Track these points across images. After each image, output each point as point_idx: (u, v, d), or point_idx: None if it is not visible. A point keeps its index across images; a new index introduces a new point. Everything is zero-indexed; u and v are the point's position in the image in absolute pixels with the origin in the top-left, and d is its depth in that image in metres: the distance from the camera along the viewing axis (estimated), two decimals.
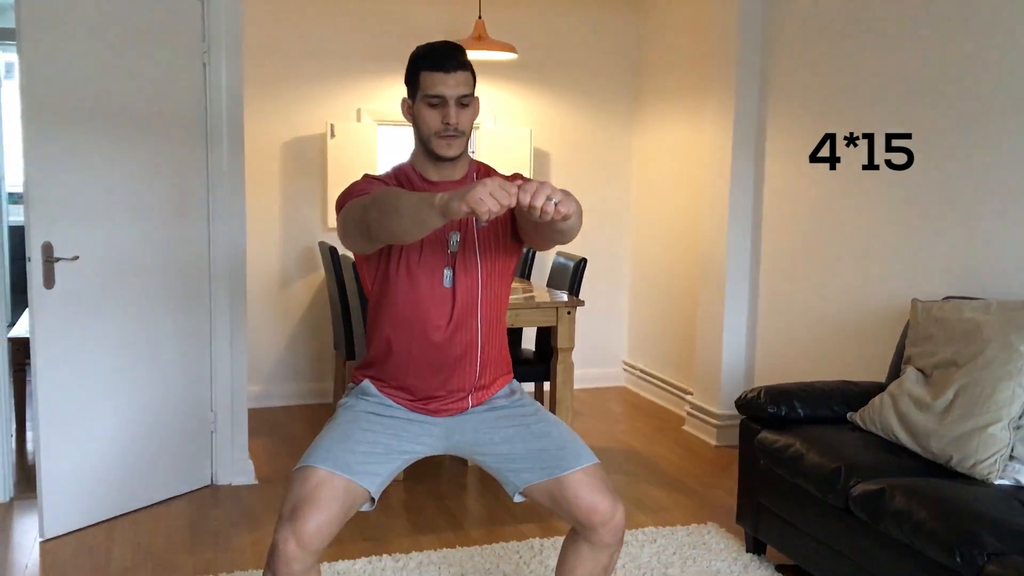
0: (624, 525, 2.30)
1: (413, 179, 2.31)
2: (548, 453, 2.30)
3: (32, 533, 3.49)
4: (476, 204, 1.76)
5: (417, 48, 2.32)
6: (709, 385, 4.88)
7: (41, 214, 3.34)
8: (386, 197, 2.01)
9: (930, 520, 2.44)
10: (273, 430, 4.91)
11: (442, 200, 1.83)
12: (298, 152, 5.36)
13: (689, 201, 5.26)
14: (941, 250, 3.54)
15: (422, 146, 2.29)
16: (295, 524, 2.08)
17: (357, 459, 2.23)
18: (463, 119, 2.24)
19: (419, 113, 2.25)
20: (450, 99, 2.21)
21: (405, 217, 1.92)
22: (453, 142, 2.24)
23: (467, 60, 2.28)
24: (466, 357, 2.31)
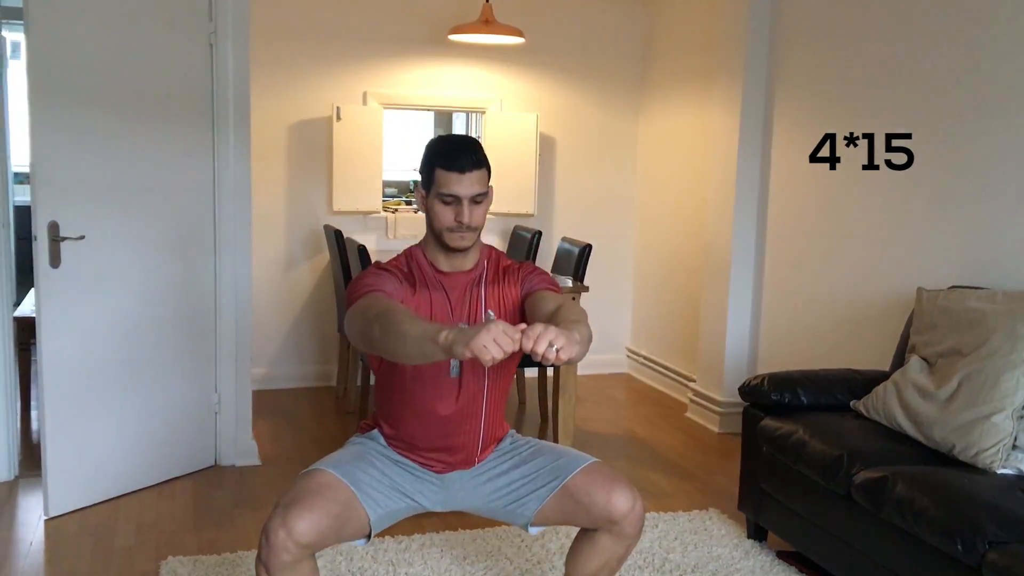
0: (644, 514, 2.30)
1: (424, 268, 2.33)
2: (546, 469, 2.34)
3: (37, 511, 3.51)
4: (480, 352, 1.77)
5: (433, 142, 2.34)
6: (712, 372, 4.88)
7: (47, 193, 3.34)
8: (390, 318, 1.99)
9: (932, 508, 2.44)
10: (277, 412, 4.92)
11: (447, 341, 1.83)
12: (304, 135, 5.36)
13: (695, 188, 5.25)
14: (947, 239, 3.53)
15: (434, 236, 2.30)
16: (288, 515, 2.07)
17: (365, 479, 2.26)
18: (476, 217, 2.26)
19: (432, 207, 2.26)
20: (464, 198, 2.23)
21: (408, 346, 1.92)
22: (466, 236, 2.26)
23: (482, 156, 2.29)
24: (470, 435, 2.36)
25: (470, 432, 2.36)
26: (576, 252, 4.70)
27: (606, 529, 2.29)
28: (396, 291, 2.23)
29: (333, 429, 4.65)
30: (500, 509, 2.39)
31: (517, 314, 2.35)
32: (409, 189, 7.29)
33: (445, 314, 2.30)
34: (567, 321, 2.03)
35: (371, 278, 2.24)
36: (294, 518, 2.07)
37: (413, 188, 5.97)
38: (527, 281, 2.37)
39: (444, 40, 5.29)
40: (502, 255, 2.44)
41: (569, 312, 2.13)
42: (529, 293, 2.34)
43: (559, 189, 5.85)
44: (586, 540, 2.37)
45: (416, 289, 2.29)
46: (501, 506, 2.38)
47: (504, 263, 2.41)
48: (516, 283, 2.37)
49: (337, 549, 3.21)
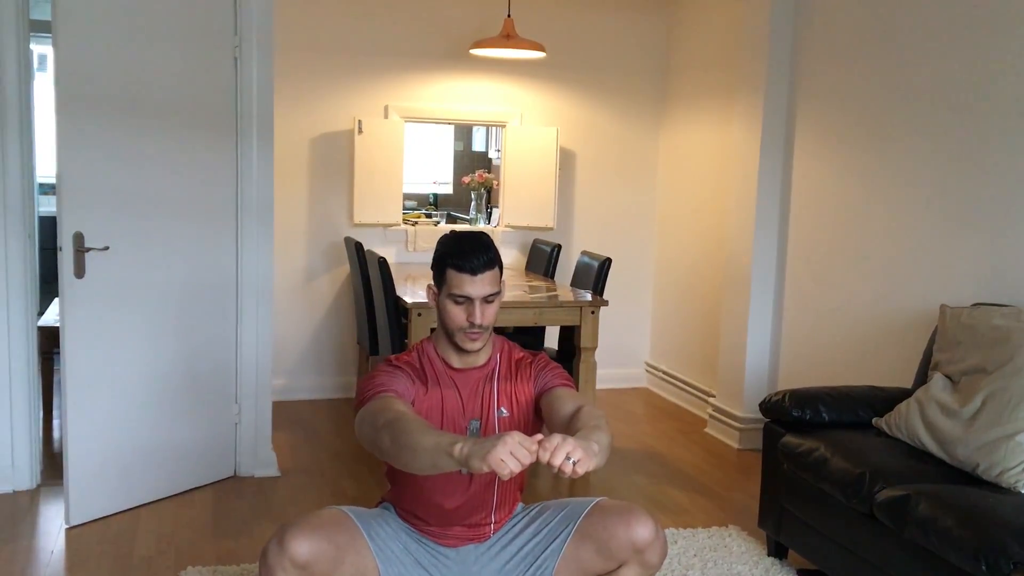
0: (665, 538, 2.26)
1: (436, 364, 2.32)
2: (556, 519, 2.31)
3: (58, 520, 3.53)
4: (497, 466, 1.74)
5: (445, 239, 2.32)
6: (732, 388, 4.86)
7: (73, 204, 3.38)
8: (401, 429, 1.96)
9: (956, 527, 2.41)
10: (296, 423, 4.94)
11: (462, 455, 1.80)
12: (326, 147, 5.39)
13: (715, 202, 5.24)
14: (970, 256, 3.50)
15: (446, 334, 2.29)
16: (286, 534, 2.08)
17: (381, 533, 2.26)
18: (488, 316, 2.24)
19: (444, 306, 2.25)
20: (476, 299, 2.22)
21: (420, 459, 1.90)
22: (478, 337, 2.25)
23: (494, 255, 2.26)
24: (482, 516, 2.35)
25: (482, 515, 2.35)
26: (596, 266, 4.70)
27: (632, 560, 2.23)
28: (407, 390, 2.23)
29: (352, 441, 4.65)
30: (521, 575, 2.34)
31: (531, 411, 2.34)
32: (429, 201, 7.32)
33: (457, 412, 2.29)
34: (586, 427, 1.99)
35: (383, 377, 2.23)
36: (290, 538, 2.07)
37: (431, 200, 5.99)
38: (541, 377, 2.35)
39: (465, 54, 5.32)
40: (515, 347, 2.41)
41: (588, 418, 2.08)
42: (544, 391, 2.32)
43: (579, 203, 5.85)
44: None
45: (428, 387, 2.29)
46: (521, 572, 2.33)
47: (516, 356, 2.39)
48: (530, 379, 2.35)
49: None
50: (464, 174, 6.49)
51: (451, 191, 8.28)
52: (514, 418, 2.31)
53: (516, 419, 2.31)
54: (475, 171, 6.39)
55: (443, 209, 7.67)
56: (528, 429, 2.32)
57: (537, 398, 2.34)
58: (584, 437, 1.88)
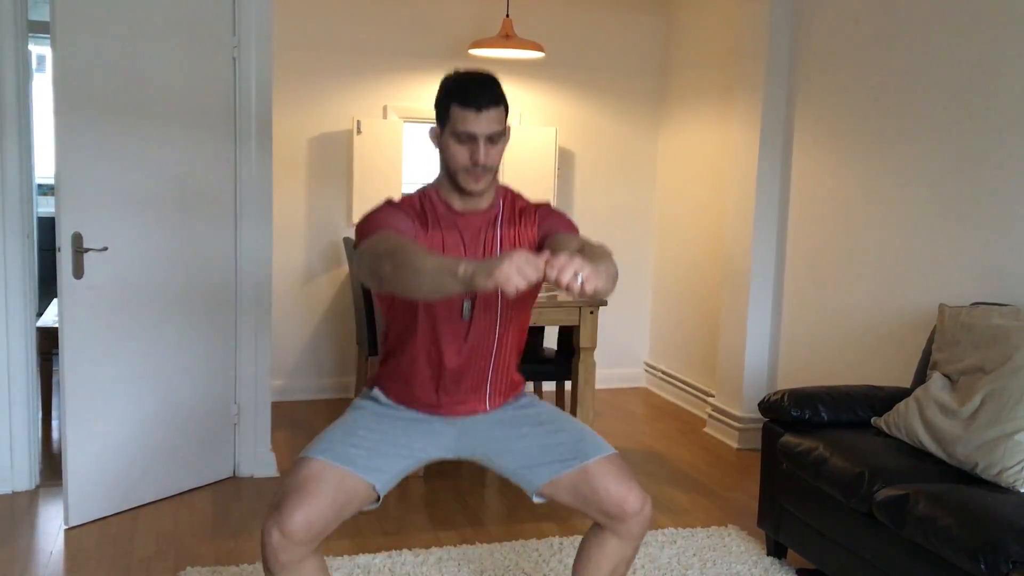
0: (651, 516, 2.27)
1: (438, 207, 2.25)
2: (566, 446, 2.26)
3: (57, 521, 3.53)
4: (504, 282, 1.71)
5: (449, 77, 2.23)
6: (731, 388, 4.86)
7: (71, 205, 3.38)
8: (403, 254, 1.92)
9: (955, 527, 2.41)
10: (295, 424, 4.94)
11: (466, 273, 1.77)
12: (324, 148, 5.39)
13: (714, 202, 5.24)
14: (969, 255, 3.50)
15: (448, 177, 2.23)
16: (279, 514, 2.06)
17: (360, 453, 2.19)
18: (492, 156, 2.18)
19: (447, 146, 2.18)
20: (480, 137, 2.15)
21: (424, 281, 1.86)
22: (481, 178, 2.18)
23: (500, 93, 2.20)
24: (479, 378, 2.30)
25: (479, 375, 2.29)
26: None
27: (612, 529, 2.25)
28: (408, 229, 2.16)
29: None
30: (512, 469, 2.30)
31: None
32: None
33: (458, 254, 2.22)
34: (591, 258, 1.95)
35: (382, 215, 2.17)
36: (286, 516, 2.05)
37: None
38: (545, 222, 2.29)
39: (464, 54, 5.32)
40: (519, 196, 2.35)
41: (592, 250, 2.05)
42: (547, 235, 2.26)
43: (578, 203, 5.85)
44: (594, 544, 2.32)
45: (429, 229, 2.21)
46: (513, 467, 2.29)
47: (521, 204, 2.32)
48: (533, 224, 2.29)
49: (355, 563, 3.21)
50: None
51: None
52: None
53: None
54: None
55: None
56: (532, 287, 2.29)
57: (540, 243, 2.27)
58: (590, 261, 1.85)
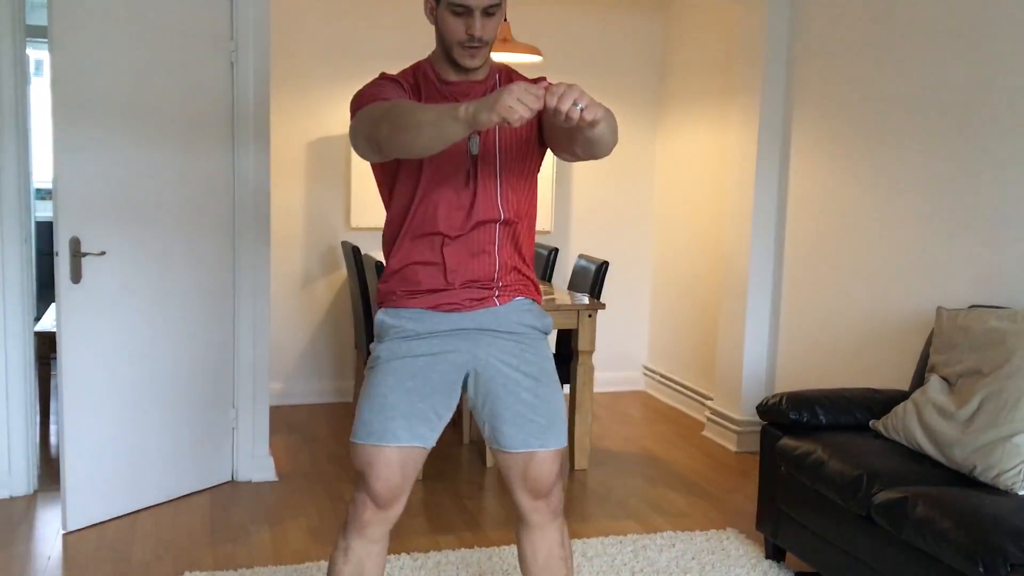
0: (561, 502, 2.29)
1: (431, 79, 2.21)
2: (535, 424, 2.23)
3: (55, 525, 3.53)
4: (507, 112, 1.71)
5: None
6: (730, 391, 4.86)
7: (69, 209, 3.38)
8: (400, 112, 1.89)
9: (953, 529, 2.42)
10: (293, 428, 4.93)
11: (468, 112, 1.76)
12: (322, 151, 5.39)
13: (712, 205, 5.25)
14: (967, 258, 3.51)
15: (443, 51, 2.18)
16: (367, 490, 2.18)
17: (398, 425, 2.18)
18: (488, 30, 2.11)
19: (442, 19, 2.12)
20: (476, 9, 2.08)
21: (424, 132, 1.83)
22: (476, 53, 2.13)
23: None
24: (484, 253, 2.22)
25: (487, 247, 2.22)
26: (593, 269, 4.70)
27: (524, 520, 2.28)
28: (402, 98, 2.12)
29: (349, 445, 4.65)
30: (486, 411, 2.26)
31: (534, 126, 2.23)
32: None
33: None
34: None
35: (375, 88, 2.13)
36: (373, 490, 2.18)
37: None
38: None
39: None
40: (514, 71, 2.29)
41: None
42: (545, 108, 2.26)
43: (576, 206, 5.86)
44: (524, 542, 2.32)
45: (423, 100, 2.17)
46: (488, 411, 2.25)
47: (516, 77, 2.25)
48: None
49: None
50: None
51: None
52: (517, 132, 2.21)
53: (519, 132, 2.21)
54: None
55: None
56: (530, 145, 2.25)
57: (539, 117, 2.21)
58: None
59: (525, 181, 2.27)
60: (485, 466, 4.41)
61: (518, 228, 2.28)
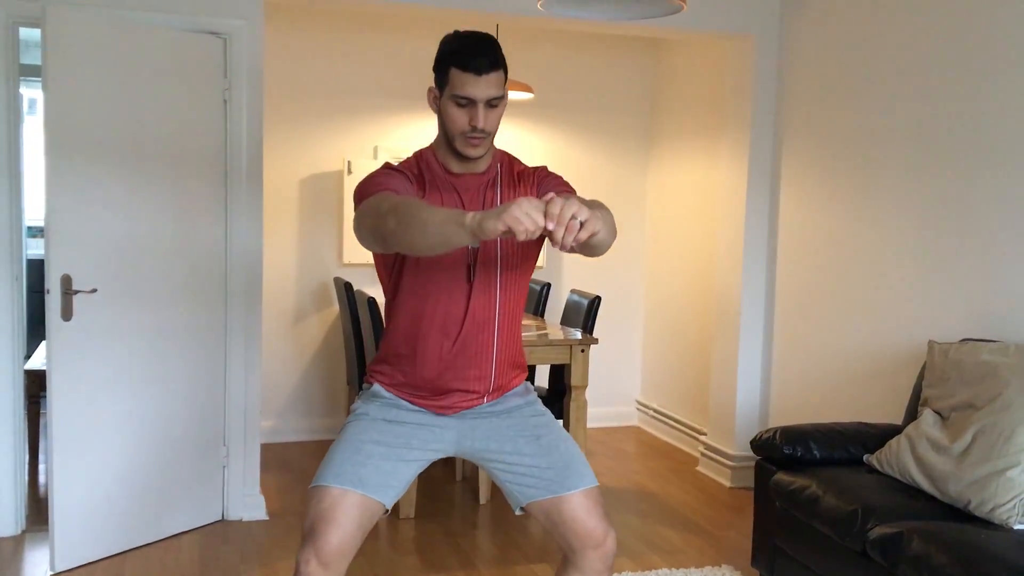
0: (615, 551, 2.26)
1: (435, 169, 2.24)
2: (553, 470, 2.25)
3: (43, 566, 3.48)
4: (515, 223, 1.72)
5: (449, 38, 2.20)
6: (723, 425, 4.85)
7: (61, 247, 3.37)
8: (407, 209, 1.90)
9: (948, 565, 2.40)
10: (285, 465, 4.90)
11: (475, 220, 1.77)
12: (315, 188, 5.41)
13: (704, 240, 5.27)
14: (958, 292, 3.52)
15: (446, 140, 2.21)
16: (315, 544, 2.08)
17: (369, 472, 2.18)
18: (491, 121, 2.15)
19: (445, 109, 2.16)
20: (479, 101, 2.12)
21: (429, 235, 1.85)
22: (479, 143, 2.17)
23: (500, 57, 2.16)
24: (481, 356, 2.25)
25: (484, 344, 2.25)
26: (585, 304, 4.70)
27: (574, 564, 2.25)
28: (407, 192, 2.13)
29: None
30: (500, 476, 2.29)
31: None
32: None
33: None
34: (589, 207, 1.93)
35: (381, 178, 2.15)
36: (322, 543, 2.08)
37: None
38: (543, 184, 2.28)
39: None
40: (516, 160, 2.33)
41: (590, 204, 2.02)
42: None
43: None
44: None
45: (427, 191, 2.19)
46: (501, 478, 2.29)
47: (519, 168, 2.30)
48: (532, 186, 2.27)
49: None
50: None
51: None
52: None
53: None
54: None
55: None
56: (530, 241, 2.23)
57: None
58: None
59: (524, 276, 2.31)
60: (478, 503, 4.37)
61: (516, 317, 2.33)
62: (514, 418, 2.32)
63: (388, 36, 5.42)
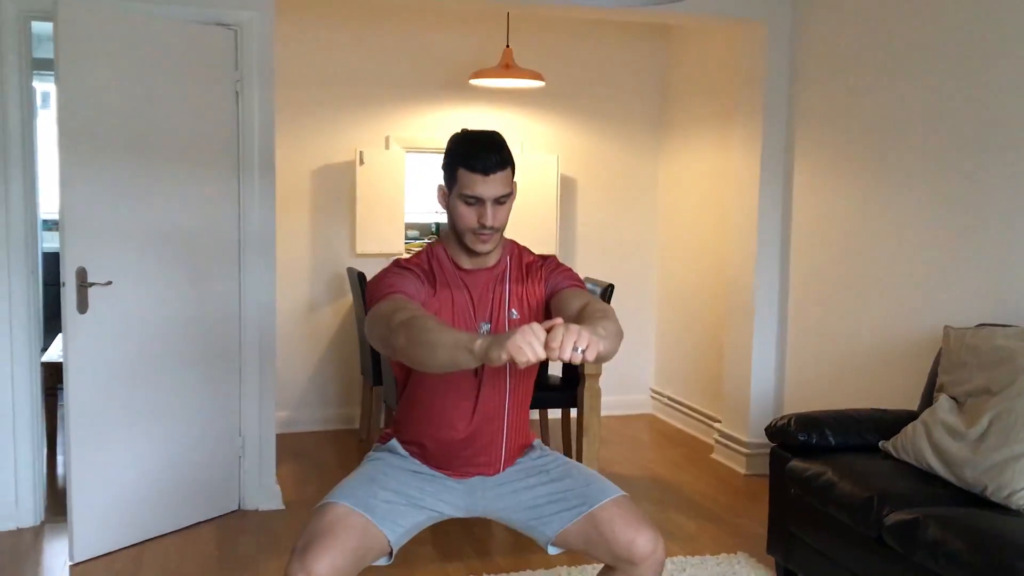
0: (664, 559, 2.25)
1: (445, 265, 2.30)
2: (573, 492, 2.29)
3: (62, 557, 3.51)
4: (516, 352, 1.77)
5: (456, 138, 2.27)
6: (738, 413, 4.84)
7: (76, 240, 3.39)
8: (418, 328, 1.95)
9: (965, 551, 2.39)
10: (300, 456, 4.92)
11: (482, 348, 1.82)
12: (327, 179, 5.41)
13: (717, 227, 5.25)
14: (974, 277, 3.50)
15: (456, 236, 2.27)
16: (306, 557, 2.04)
17: (379, 503, 2.22)
18: (500, 218, 2.21)
19: (455, 207, 2.22)
20: (488, 200, 2.19)
21: (439, 356, 1.90)
22: (489, 239, 2.23)
23: (507, 155, 2.23)
24: (491, 445, 2.33)
25: (493, 435, 2.32)
26: (599, 292, 4.70)
27: (624, 571, 2.25)
28: (418, 292, 2.19)
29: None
30: (522, 523, 2.34)
31: (541, 313, 2.32)
32: (432, 232, 7.35)
33: (467, 313, 2.27)
34: (591, 320, 2.00)
35: (392, 278, 2.20)
36: (311, 561, 2.04)
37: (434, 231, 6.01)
38: (552, 279, 2.34)
39: (465, 84, 5.35)
40: (525, 250, 2.39)
41: (593, 312, 2.10)
42: (554, 292, 2.31)
43: (581, 229, 5.87)
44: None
45: (437, 289, 2.26)
46: (523, 520, 2.33)
47: (527, 259, 2.36)
48: (540, 281, 2.33)
49: None
50: None
51: None
52: (524, 320, 2.29)
53: (527, 321, 2.28)
54: None
55: None
56: None
57: (547, 299, 2.31)
58: (589, 326, 1.89)
59: (533, 368, 2.32)
60: None
61: (525, 405, 2.40)
62: (519, 466, 2.38)
63: (399, 26, 5.41)
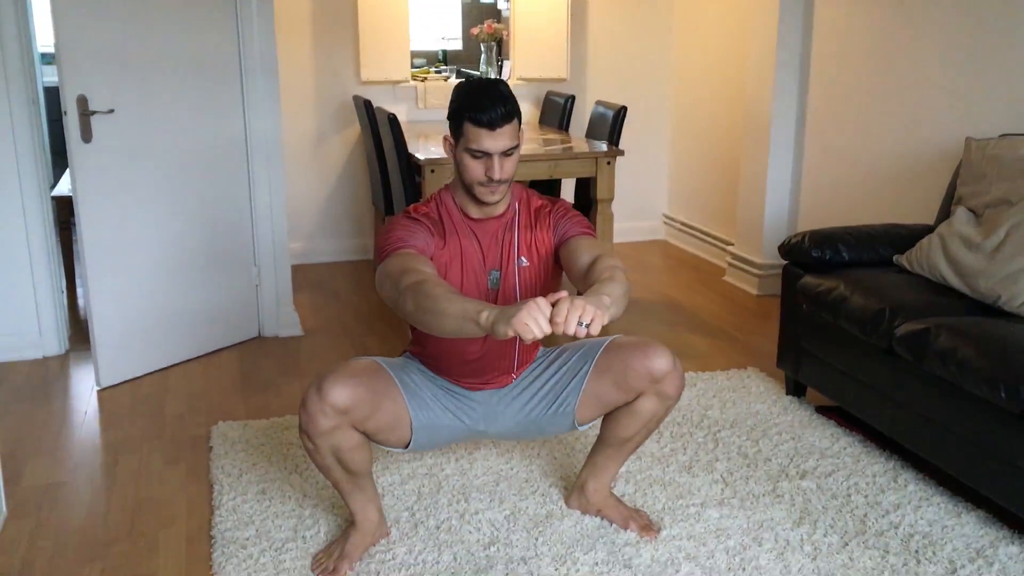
0: (683, 374, 2.35)
1: (454, 214, 2.30)
2: (573, 359, 2.37)
3: (89, 382, 3.62)
4: (522, 328, 1.78)
5: (461, 89, 2.23)
6: (751, 235, 4.82)
7: (74, 68, 3.31)
8: (424, 293, 1.96)
9: (975, 357, 2.42)
10: (316, 285, 4.98)
11: (488, 321, 1.83)
12: (328, 4, 5.22)
13: (733, 46, 5.07)
14: (997, 86, 3.38)
15: (464, 187, 2.25)
16: (324, 382, 2.14)
17: (412, 382, 2.32)
18: (507, 170, 2.19)
19: (461, 159, 2.20)
20: (494, 154, 2.16)
21: (445, 325, 1.92)
22: (496, 190, 2.21)
23: (513, 107, 2.17)
24: (504, 357, 2.38)
25: (504, 365, 2.39)
26: (611, 115, 4.60)
27: (649, 391, 2.31)
28: (427, 246, 2.22)
29: (373, 300, 4.70)
30: (544, 418, 2.41)
31: (550, 260, 2.33)
32: (438, 58, 7.14)
33: (477, 262, 2.29)
34: (599, 281, 2.02)
35: (401, 231, 2.21)
36: (329, 386, 2.13)
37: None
38: (561, 226, 2.34)
39: None
40: (534, 195, 2.38)
41: (602, 270, 2.10)
42: (563, 240, 2.31)
43: (592, 52, 5.68)
44: (624, 409, 2.38)
45: (446, 239, 2.27)
46: (543, 413, 2.40)
47: (536, 204, 2.36)
48: (549, 228, 2.34)
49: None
50: (473, 27, 6.29)
51: (460, 47, 8.05)
52: (534, 267, 2.32)
53: (536, 268, 2.32)
54: (484, 22, 6.19)
55: (453, 65, 7.49)
56: (547, 278, 2.35)
57: (557, 247, 2.34)
58: (594, 292, 1.92)
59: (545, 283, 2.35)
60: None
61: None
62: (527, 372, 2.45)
63: None
